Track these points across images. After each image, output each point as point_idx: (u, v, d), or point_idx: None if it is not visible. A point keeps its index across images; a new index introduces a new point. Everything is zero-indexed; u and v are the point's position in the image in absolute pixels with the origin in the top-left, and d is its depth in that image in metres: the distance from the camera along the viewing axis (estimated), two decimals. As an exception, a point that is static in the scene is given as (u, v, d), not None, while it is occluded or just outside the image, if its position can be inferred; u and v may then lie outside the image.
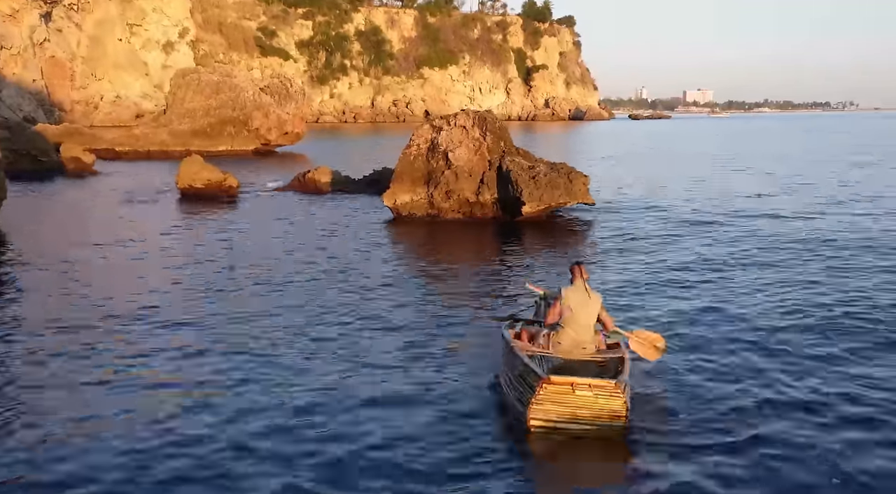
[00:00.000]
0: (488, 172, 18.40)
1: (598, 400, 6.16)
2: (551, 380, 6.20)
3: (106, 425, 6.50)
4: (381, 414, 6.73)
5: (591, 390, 6.16)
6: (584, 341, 7.11)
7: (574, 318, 7.10)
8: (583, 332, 7.11)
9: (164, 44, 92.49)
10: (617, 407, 6.16)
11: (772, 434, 6.37)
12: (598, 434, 6.23)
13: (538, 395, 6.21)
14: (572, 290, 7.22)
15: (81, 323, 9.46)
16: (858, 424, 6.60)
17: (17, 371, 7.84)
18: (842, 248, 14.58)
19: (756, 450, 6.08)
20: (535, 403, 6.23)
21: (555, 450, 6.17)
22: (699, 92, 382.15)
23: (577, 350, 7.09)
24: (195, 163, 23.42)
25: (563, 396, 6.20)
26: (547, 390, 6.18)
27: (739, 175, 31.24)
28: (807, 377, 7.68)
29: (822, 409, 6.89)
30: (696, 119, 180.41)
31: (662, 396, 7.20)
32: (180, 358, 8.23)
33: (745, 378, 7.66)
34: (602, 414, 6.20)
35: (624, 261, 13.55)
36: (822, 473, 5.74)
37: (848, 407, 6.94)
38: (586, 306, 7.12)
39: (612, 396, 6.14)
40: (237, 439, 6.22)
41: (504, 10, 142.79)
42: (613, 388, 6.14)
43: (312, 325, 9.45)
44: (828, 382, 7.56)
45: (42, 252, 14.16)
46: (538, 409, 6.25)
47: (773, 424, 6.58)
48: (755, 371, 7.85)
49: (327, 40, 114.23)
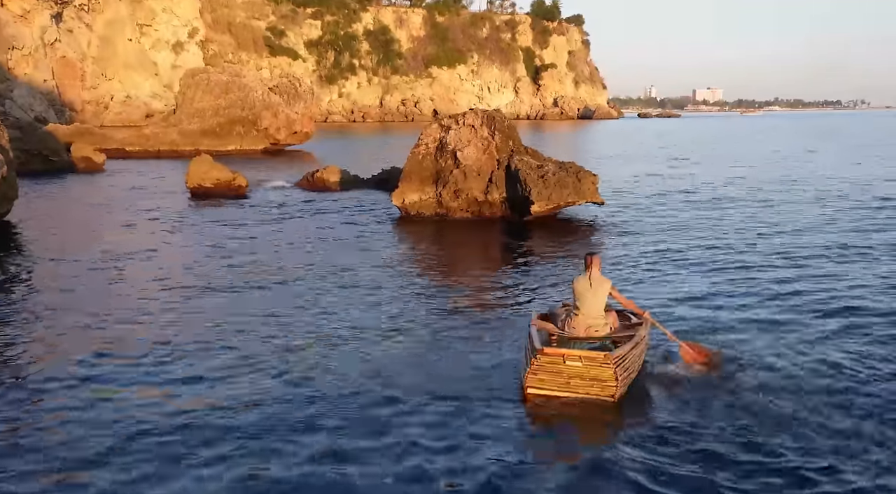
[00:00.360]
0: (497, 171, 18.39)
1: (589, 370, 6.71)
2: (544, 351, 6.82)
3: (114, 414, 6.57)
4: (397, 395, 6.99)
5: (581, 361, 6.74)
6: (595, 324, 7.60)
7: (582, 304, 7.63)
8: (591, 316, 7.60)
9: (173, 44, 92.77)
10: (606, 376, 6.67)
11: (765, 407, 6.84)
12: (589, 402, 6.74)
13: (533, 365, 6.83)
14: (579, 279, 7.78)
15: (82, 321, 9.54)
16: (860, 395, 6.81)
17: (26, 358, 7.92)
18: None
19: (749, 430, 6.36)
20: (531, 372, 6.85)
21: (549, 416, 6.67)
22: (709, 90, 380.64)
23: (591, 331, 7.60)
24: (204, 163, 23.51)
25: (555, 366, 6.78)
26: (540, 360, 6.80)
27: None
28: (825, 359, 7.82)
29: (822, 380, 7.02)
30: (720, 117, 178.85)
31: (674, 377, 7.59)
32: (189, 354, 8.28)
33: (760, 367, 7.82)
34: (593, 384, 6.73)
35: (634, 261, 13.53)
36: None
37: (831, 381, 7.07)
38: (591, 293, 7.60)
39: (602, 366, 6.68)
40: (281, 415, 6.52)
41: (513, 9, 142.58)
42: (603, 359, 6.68)
43: (320, 322, 9.49)
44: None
45: (53, 250, 14.26)
46: (533, 378, 6.85)
47: (768, 398, 7.04)
48: (769, 364, 7.89)
49: (336, 40, 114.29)
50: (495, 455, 5.95)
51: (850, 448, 6.10)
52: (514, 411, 6.77)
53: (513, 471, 5.72)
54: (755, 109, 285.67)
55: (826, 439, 6.26)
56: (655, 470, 5.71)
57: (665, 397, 7.14)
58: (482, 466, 5.77)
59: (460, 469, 5.74)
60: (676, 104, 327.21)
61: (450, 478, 5.62)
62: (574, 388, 6.80)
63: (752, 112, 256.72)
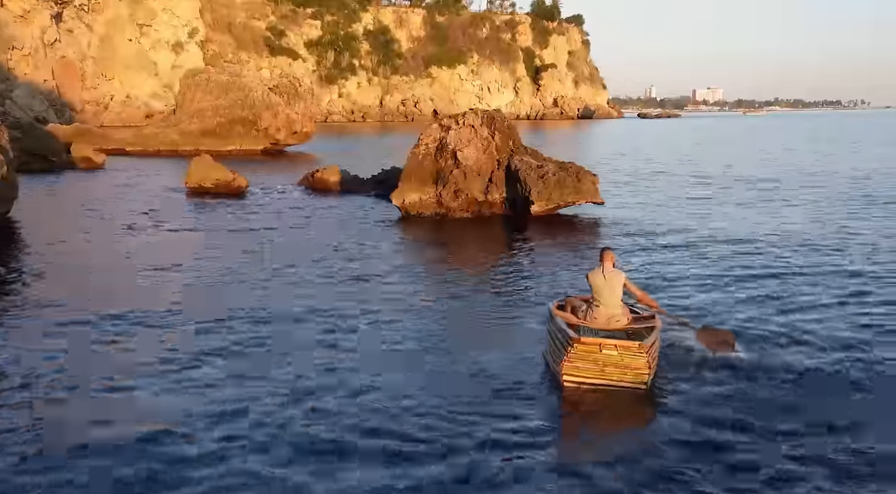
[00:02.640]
0: (497, 171, 18.39)
1: (623, 358, 6.99)
2: (581, 341, 7.08)
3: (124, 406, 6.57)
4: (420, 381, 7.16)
5: (617, 349, 7.01)
6: (615, 315, 7.94)
7: (601, 296, 7.96)
8: (612, 307, 7.94)
9: (173, 44, 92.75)
10: (640, 364, 6.98)
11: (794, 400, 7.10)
12: (623, 389, 7.04)
13: (570, 354, 7.09)
14: (593, 273, 8.13)
15: (82, 320, 9.54)
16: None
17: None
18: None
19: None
20: (567, 361, 7.11)
21: (585, 403, 6.99)
22: (709, 90, 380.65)
23: (612, 322, 7.93)
24: (204, 163, 23.51)
25: (591, 354, 7.05)
26: (577, 349, 7.05)
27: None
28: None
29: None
30: (724, 117, 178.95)
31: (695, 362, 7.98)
32: (189, 353, 8.28)
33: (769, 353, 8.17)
34: (627, 371, 7.02)
35: (634, 261, 13.52)
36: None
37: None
38: (608, 285, 7.93)
39: (637, 355, 6.98)
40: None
41: (512, 10, 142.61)
42: (637, 348, 6.99)
43: (320, 321, 9.49)
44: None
45: (53, 250, 14.26)
46: (570, 366, 7.12)
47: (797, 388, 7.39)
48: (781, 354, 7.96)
49: (336, 40, 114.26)
50: (536, 443, 6.14)
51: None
52: (550, 398, 7.09)
53: (556, 459, 5.95)
54: (759, 109, 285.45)
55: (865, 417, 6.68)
56: (690, 456, 5.97)
57: (691, 383, 7.45)
58: (528, 456, 5.94)
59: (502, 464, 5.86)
60: (676, 104, 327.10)
61: (496, 470, 5.74)
62: (608, 376, 7.08)
63: (756, 112, 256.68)
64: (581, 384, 7.14)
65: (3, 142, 17.66)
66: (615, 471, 5.70)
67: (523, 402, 7.02)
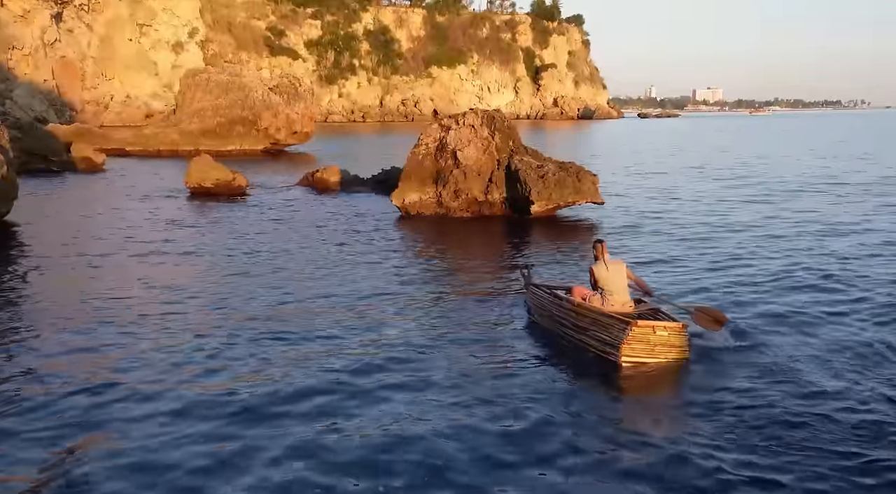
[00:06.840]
0: (497, 171, 18.39)
1: (671, 338, 7.87)
2: (638, 323, 7.86)
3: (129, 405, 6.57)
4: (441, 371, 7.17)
5: (667, 330, 7.88)
6: (627, 301, 8.67)
7: (612, 285, 8.63)
8: (623, 294, 8.67)
9: (173, 44, 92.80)
10: (683, 342, 7.94)
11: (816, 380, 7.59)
12: (669, 364, 7.89)
13: (628, 335, 7.81)
14: (597, 266, 8.77)
15: (83, 318, 9.53)
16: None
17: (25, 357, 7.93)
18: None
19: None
20: (626, 343, 7.82)
21: (638, 376, 7.79)
22: (709, 90, 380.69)
23: (626, 307, 8.58)
24: (204, 163, 23.50)
25: (645, 336, 7.84)
26: (634, 331, 7.81)
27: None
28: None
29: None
30: (727, 118, 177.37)
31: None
32: (188, 354, 8.28)
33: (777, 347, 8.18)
34: (672, 349, 7.89)
35: (634, 260, 13.50)
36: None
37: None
38: (614, 274, 8.64)
39: (682, 334, 7.93)
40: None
41: (513, 9, 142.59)
42: (681, 329, 7.94)
43: (330, 317, 9.50)
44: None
45: (53, 250, 14.25)
46: (628, 347, 7.84)
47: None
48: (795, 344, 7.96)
49: (336, 40, 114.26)
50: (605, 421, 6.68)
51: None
52: (605, 381, 7.72)
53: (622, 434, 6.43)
54: (762, 109, 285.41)
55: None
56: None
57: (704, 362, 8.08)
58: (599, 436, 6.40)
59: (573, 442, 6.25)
60: (676, 104, 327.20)
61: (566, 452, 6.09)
62: (657, 354, 7.89)
63: (760, 112, 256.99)
64: (636, 363, 7.86)
65: (3, 142, 17.65)
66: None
67: (528, 399, 7.05)
